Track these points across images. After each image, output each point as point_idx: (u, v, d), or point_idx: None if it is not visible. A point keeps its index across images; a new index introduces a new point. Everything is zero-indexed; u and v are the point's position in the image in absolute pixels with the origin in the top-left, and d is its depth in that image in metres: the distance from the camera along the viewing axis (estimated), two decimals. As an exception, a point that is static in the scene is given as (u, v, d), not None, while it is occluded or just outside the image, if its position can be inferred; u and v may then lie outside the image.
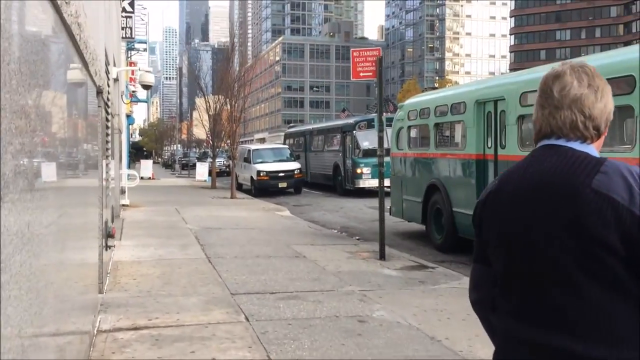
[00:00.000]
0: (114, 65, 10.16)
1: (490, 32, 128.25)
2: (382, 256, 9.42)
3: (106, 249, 7.26)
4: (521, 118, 8.10)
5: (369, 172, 20.77)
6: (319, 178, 26.80)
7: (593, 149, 1.63)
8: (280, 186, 24.25)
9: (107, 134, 8.07)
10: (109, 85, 8.31)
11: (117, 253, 9.24)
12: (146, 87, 13.24)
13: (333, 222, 15.43)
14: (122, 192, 16.85)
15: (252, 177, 24.95)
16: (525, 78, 8.20)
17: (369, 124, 21.35)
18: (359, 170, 21.40)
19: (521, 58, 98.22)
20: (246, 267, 8.36)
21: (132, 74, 29.44)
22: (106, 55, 7.62)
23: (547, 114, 1.67)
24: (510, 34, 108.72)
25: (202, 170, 34.18)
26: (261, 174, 24.33)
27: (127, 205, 16.93)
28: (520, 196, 1.64)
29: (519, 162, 1.74)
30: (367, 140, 20.95)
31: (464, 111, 9.64)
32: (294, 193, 24.81)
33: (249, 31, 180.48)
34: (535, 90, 5.89)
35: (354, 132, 22.18)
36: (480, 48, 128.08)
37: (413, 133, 11.97)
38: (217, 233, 11.87)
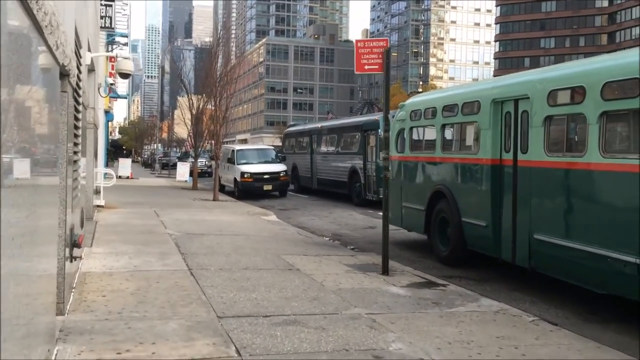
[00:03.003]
0: (89, 50, 9.09)
1: (474, 38, 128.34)
2: (385, 270, 8.45)
3: (71, 261, 6.19)
4: (548, 119, 7.18)
5: None
6: (329, 185, 23.33)
7: None
8: (265, 189, 23.23)
9: (77, 127, 7.01)
10: (79, 71, 7.25)
11: (86, 262, 8.16)
12: (124, 75, 12.10)
13: (323, 228, 14.45)
14: (97, 192, 15.70)
15: (235, 179, 23.89)
16: (554, 74, 7.29)
17: None
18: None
19: (505, 65, 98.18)
20: (234, 282, 7.33)
21: (112, 68, 28.21)
22: (77, 34, 6.57)
23: None
24: (495, 41, 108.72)
25: (182, 171, 33.05)
26: (245, 176, 23.28)
27: (102, 207, 15.77)
28: None
29: None
30: None
31: (478, 111, 8.71)
32: (278, 196, 23.80)
33: (233, 31, 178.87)
34: (568, 88, 4.86)
35: (379, 130, 18.38)
36: (464, 54, 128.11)
37: (416, 135, 11.02)
38: (200, 240, 10.81)
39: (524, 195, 7.64)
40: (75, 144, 6.90)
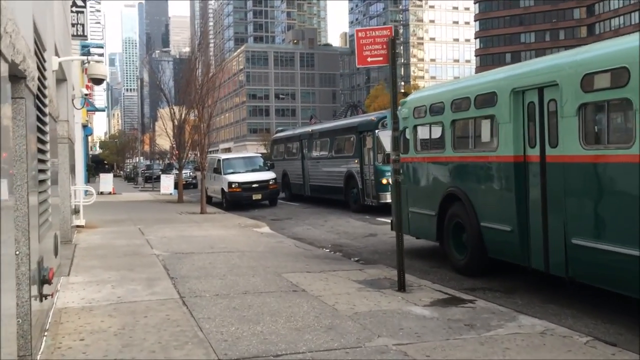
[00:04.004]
0: (57, 54, 8.11)
1: (454, 37, 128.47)
2: (401, 287, 7.53)
3: (40, 300, 5.21)
4: (583, 107, 6.32)
5: None
6: (323, 191, 22.26)
7: None
8: (254, 198, 22.25)
9: (43, 140, 6.02)
10: (44, 77, 6.27)
11: (62, 295, 7.16)
12: (98, 81, 11.08)
13: (321, 239, 13.52)
14: (76, 211, 14.65)
15: (222, 189, 22.91)
16: (588, 56, 6.41)
17: None
18: (384, 181, 16.93)
19: (487, 62, 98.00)
20: (233, 311, 6.36)
21: (89, 81, 27.02)
22: (37, 32, 5.59)
23: None
24: (476, 38, 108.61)
25: (167, 183, 31.98)
26: (233, 186, 22.29)
27: (82, 227, 14.71)
28: None
29: None
30: None
31: (495, 103, 7.84)
32: (269, 205, 22.84)
33: (211, 37, 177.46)
34: (607, 70, 3.82)
35: (377, 131, 17.71)
36: (444, 53, 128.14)
37: (421, 134, 10.14)
38: (190, 260, 9.83)
39: (556, 195, 6.77)
40: (42, 161, 5.91)
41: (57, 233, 7.69)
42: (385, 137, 17.14)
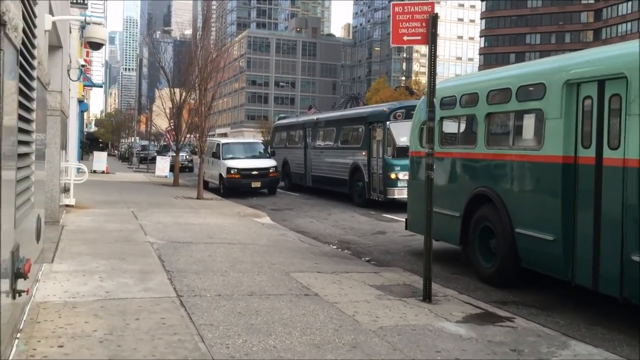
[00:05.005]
0: (51, 13, 7.18)
1: (458, 34, 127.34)
2: (426, 296, 6.69)
3: (13, 296, 4.34)
4: (657, 105, 5.47)
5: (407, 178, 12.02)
6: (325, 183, 21.23)
7: None
8: (253, 186, 21.38)
9: (27, 108, 5.12)
10: (33, 34, 5.35)
11: (43, 287, 6.28)
12: (96, 45, 10.11)
13: (326, 233, 12.68)
14: (66, 189, 13.74)
15: (220, 175, 22.00)
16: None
17: (408, 113, 15.32)
18: (393, 175, 16.17)
19: (490, 61, 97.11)
20: (239, 318, 5.49)
21: (87, 55, 25.91)
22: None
23: None
24: (481, 36, 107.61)
25: (162, 165, 31.02)
26: (232, 172, 21.37)
27: (71, 206, 13.79)
28: None
29: None
30: (406, 134, 13.94)
31: (542, 96, 6.97)
32: (267, 194, 21.96)
33: (213, 25, 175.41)
34: None
35: (388, 122, 16.65)
36: (447, 50, 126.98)
37: (448, 127, 9.28)
38: (188, 250, 8.95)
39: (613, 204, 5.92)
40: (25, 131, 5.02)
41: (40, 214, 6.78)
42: (397, 130, 16.35)
